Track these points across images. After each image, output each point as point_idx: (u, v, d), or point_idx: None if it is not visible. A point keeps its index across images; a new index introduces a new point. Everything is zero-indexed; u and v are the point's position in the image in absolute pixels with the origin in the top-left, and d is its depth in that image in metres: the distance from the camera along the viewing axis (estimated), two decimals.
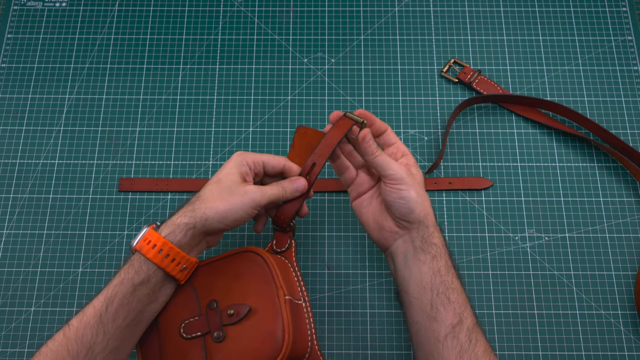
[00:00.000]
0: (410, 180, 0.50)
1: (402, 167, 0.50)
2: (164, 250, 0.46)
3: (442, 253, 0.49)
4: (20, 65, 0.71)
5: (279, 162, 0.52)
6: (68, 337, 0.43)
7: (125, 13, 0.74)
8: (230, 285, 0.48)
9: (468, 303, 0.48)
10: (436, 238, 0.49)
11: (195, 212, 0.47)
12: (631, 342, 0.58)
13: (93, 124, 0.68)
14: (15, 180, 0.65)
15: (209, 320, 0.47)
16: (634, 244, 0.61)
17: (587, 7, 0.73)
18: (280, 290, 0.46)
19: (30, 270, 0.61)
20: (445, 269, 0.48)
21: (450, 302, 0.46)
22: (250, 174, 0.50)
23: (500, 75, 0.70)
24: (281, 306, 0.46)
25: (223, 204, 0.47)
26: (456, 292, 0.47)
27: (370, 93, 0.69)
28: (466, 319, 0.46)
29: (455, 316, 0.46)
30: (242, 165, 0.50)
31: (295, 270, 0.52)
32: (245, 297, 0.47)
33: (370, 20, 0.73)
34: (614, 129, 0.66)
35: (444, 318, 0.46)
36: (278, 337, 0.44)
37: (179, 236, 0.46)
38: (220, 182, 0.49)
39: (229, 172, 0.49)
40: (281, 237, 0.53)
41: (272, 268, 0.48)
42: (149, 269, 0.46)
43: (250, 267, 0.49)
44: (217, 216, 0.47)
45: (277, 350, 0.44)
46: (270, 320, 0.45)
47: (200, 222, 0.47)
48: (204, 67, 0.71)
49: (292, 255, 0.53)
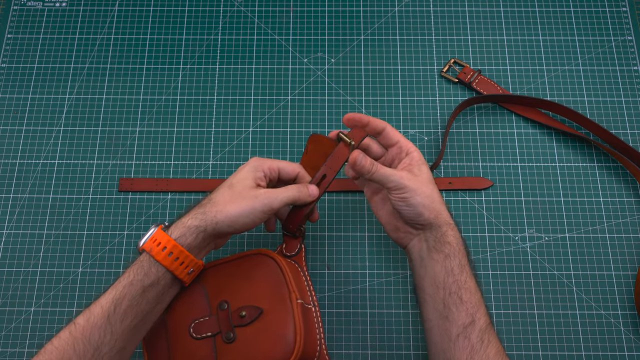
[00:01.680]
0: (413, 184, 0.49)
1: (402, 174, 0.49)
2: (174, 253, 0.46)
3: (456, 252, 0.48)
4: (20, 65, 0.71)
5: (294, 170, 0.52)
6: (74, 336, 0.43)
7: (125, 13, 0.74)
8: (242, 287, 0.48)
9: (482, 303, 0.47)
10: (450, 237, 0.49)
11: (206, 215, 0.47)
12: (631, 342, 0.58)
13: (93, 124, 0.68)
14: (15, 180, 0.65)
15: (219, 321, 0.47)
16: (634, 244, 0.61)
17: (587, 7, 0.73)
18: (293, 294, 0.46)
19: (30, 270, 0.61)
20: (458, 269, 0.48)
21: (463, 302, 0.46)
22: (264, 180, 0.50)
23: (500, 75, 0.70)
24: (293, 309, 0.46)
25: (234, 208, 0.47)
26: (469, 292, 0.47)
27: (370, 93, 0.69)
28: (479, 320, 0.46)
29: (467, 316, 0.46)
30: (257, 170, 0.49)
31: (305, 275, 0.52)
32: (257, 299, 0.47)
33: (370, 20, 0.73)
34: (614, 129, 0.66)
35: (456, 318, 0.46)
36: (289, 340, 0.44)
37: (189, 239, 0.46)
38: (232, 186, 0.48)
39: (243, 177, 0.49)
40: (291, 241, 0.53)
41: (285, 271, 0.48)
42: (159, 272, 0.45)
43: (262, 269, 0.49)
44: (227, 220, 0.47)
45: (288, 354, 0.44)
46: (282, 323, 0.45)
47: (210, 225, 0.47)
48: (204, 67, 0.71)
49: (302, 259, 0.53)
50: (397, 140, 0.53)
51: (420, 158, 0.52)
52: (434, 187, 0.50)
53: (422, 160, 0.52)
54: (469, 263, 0.49)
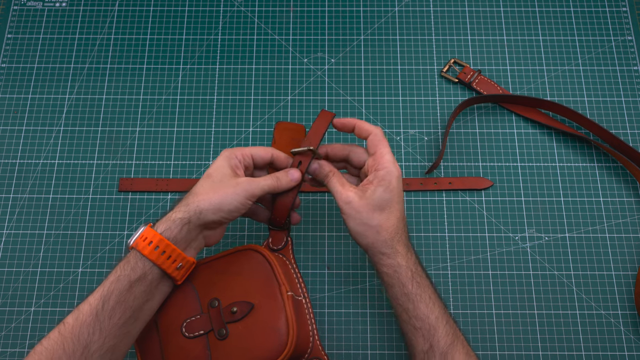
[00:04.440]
0: (349, 209, 0.48)
1: (348, 194, 0.48)
2: (160, 247, 0.46)
3: (395, 281, 0.48)
4: (20, 65, 0.71)
5: (267, 153, 0.52)
6: (63, 335, 0.43)
7: (125, 13, 0.74)
8: (231, 283, 0.48)
9: (439, 323, 0.46)
10: (385, 267, 0.48)
11: (189, 206, 0.47)
12: (631, 342, 0.58)
13: (93, 124, 0.68)
14: (15, 180, 0.65)
15: (211, 319, 0.47)
16: (634, 244, 0.61)
17: (587, 7, 0.73)
18: (283, 287, 0.47)
19: (30, 270, 0.61)
20: (403, 297, 0.47)
21: (416, 329, 0.47)
22: (240, 167, 0.50)
23: (500, 75, 0.70)
24: (285, 302, 0.46)
25: (216, 195, 0.47)
26: (419, 319, 0.46)
27: (370, 93, 0.69)
28: (437, 343, 0.46)
29: (425, 342, 0.46)
30: (231, 158, 0.50)
31: (294, 267, 0.52)
32: (247, 294, 0.47)
33: (370, 20, 0.73)
34: (614, 129, 0.66)
35: (415, 345, 0.47)
36: (282, 332, 0.45)
37: (174, 232, 0.46)
38: (210, 176, 0.49)
39: (218, 165, 0.49)
40: (277, 234, 0.54)
41: (274, 264, 0.48)
42: (145, 266, 0.45)
43: (251, 264, 0.49)
44: (211, 207, 0.47)
45: (282, 345, 0.45)
46: (274, 316, 0.46)
47: (195, 215, 0.47)
48: (204, 67, 0.71)
49: (290, 252, 0.53)
50: (374, 151, 0.50)
51: (384, 179, 0.48)
52: (379, 214, 0.47)
53: (385, 183, 0.48)
54: (412, 289, 0.47)
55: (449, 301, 0.59)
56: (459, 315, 0.59)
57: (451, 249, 0.61)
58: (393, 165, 0.48)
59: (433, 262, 0.61)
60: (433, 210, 0.63)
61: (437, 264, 0.61)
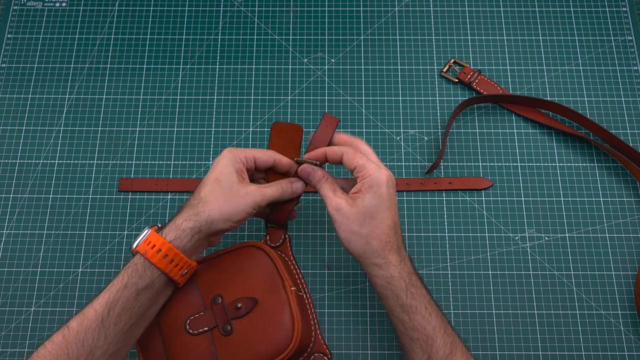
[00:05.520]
0: (339, 216, 0.47)
1: (338, 202, 0.47)
2: (169, 255, 0.46)
3: (389, 292, 0.47)
4: (20, 65, 0.71)
5: (269, 157, 0.52)
6: (68, 340, 0.43)
7: (125, 13, 0.74)
8: (234, 280, 0.49)
9: (436, 334, 0.46)
10: (378, 278, 0.47)
11: (200, 215, 0.47)
12: (631, 342, 0.58)
13: (93, 124, 0.68)
14: (15, 180, 0.65)
15: (215, 315, 0.47)
16: (634, 244, 0.61)
17: (587, 7, 0.73)
18: (286, 282, 0.47)
19: (30, 270, 0.61)
20: (398, 308, 0.47)
21: (413, 340, 0.46)
22: (245, 171, 0.50)
23: (500, 75, 0.70)
24: (289, 297, 0.46)
25: (227, 206, 0.47)
26: (416, 330, 0.46)
27: (370, 93, 0.69)
28: (436, 353, 0.45)
29: (423, 353, 0.46)
30: (236, 162, 0.50)
31: (293, 264, 0.53)
32: (251, 290, 0.48)
33: (370, 20, 0.73)
34: (614, 129, 0.66)
35: (413, 356, 0.47)
36: (287, 326, 0.45)
37: (184, 241, 0.46)
38: (219, 182, 0.48)
39: (225, 170, 0.49)
40: (275, 232, 0.54)
41: (276, 261, 0.49)
42: (153, 274, 0.45)
43: (253, 261, 0.49)
44: (222, 217, 0.47)
45: (287, 340, 0.45)
46: (279, 312, 0.46)
47: (205, 225, 0.47)
48: (204, 67, 0.71)
49: (288, 248, 0.54)
50: (353, 167, 0.48)
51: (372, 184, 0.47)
52: (368, 222, 0.46)
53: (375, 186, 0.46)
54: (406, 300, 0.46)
55: (449, 301, 0.59)
56: (459, 315, 0.59)
57: (451, 249, 0.61)
58: (378, 171, 0.47)
59: (433, 262, 0.61)
60: (433, 210, 0.63)
61: (437, 264, 0.61)
